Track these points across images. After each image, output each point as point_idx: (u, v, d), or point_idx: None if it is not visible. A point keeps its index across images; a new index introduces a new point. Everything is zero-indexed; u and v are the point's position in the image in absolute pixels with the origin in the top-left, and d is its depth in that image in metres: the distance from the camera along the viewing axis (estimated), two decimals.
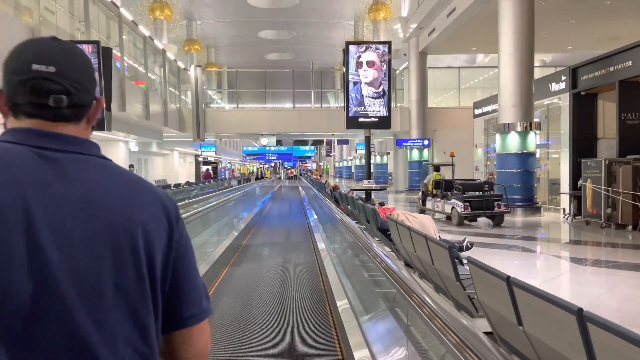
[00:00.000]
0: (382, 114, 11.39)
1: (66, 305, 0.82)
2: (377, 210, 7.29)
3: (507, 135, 14.55)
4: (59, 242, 0.83)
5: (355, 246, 6.08)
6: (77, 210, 0.86)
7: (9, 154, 0.86)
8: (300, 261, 8.38)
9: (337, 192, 12.44)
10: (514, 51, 14.34)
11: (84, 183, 0.89)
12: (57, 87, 0.89)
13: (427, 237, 4.23)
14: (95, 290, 0.85)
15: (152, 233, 0.93)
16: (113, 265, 0.87)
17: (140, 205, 0.94)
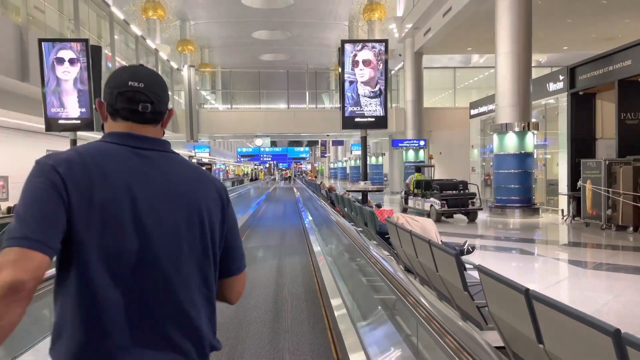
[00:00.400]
0: (379, 113, 11.10)
1: (157, 258, 1.17)
2: (375, 212, 7.05)
3: (504, 135, 14.33)
4: (151, 214, 1.17)
5: (352, 249, 5.84)
6: (162, 191, 1.21)
7: (114, 151, 1.21)
8: (295, 265, 8.11)
9: (332, 194, 12.18)
10: (511, 50, 14.13)
11: (165, 171, 1.25)
12: (144, 97, 1.26)
13: (431, 243, 3.97)
14: (175, 248, 1.20)
15: (211, 209, 1.28)
16: (186, 230, 1.22)
17: (202, 189, 1.29)
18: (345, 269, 6.63)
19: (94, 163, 1.16)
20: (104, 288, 1.12)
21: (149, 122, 1.29)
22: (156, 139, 1.31)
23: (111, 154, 1.21)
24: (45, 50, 10.87)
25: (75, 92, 11.07)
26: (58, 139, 18.66)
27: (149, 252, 1.17)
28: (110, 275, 1.13)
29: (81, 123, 11.20)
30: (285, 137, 30.65)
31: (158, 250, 1.18)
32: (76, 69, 11.01)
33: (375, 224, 6.11)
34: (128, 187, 1.17)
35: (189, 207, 1.25)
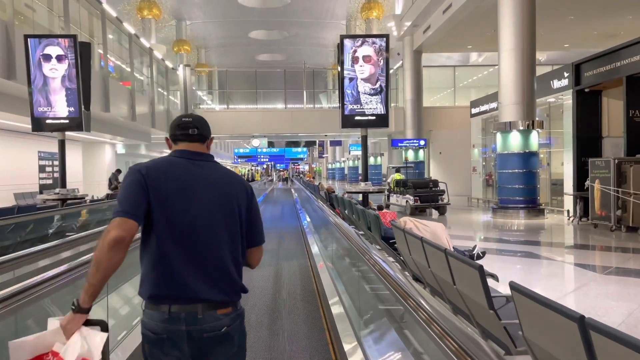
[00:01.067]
0: (380, 111, 10.63)
1: (201, 227, 1.83)
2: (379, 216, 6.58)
3: (508, 134, 13.87)
4: (201, 200, 1.85)
5: (355, 253, 5.39)
6: (208, 186, 1.90)
7: (175, 161, 1.91)
8: (293, 269, 7.63)
9: (332, 195, 11.70)
10: (515, 47, 13.67)
11: (208, 174, 1.93)
12: (192, 125, 1.97)
13: (448, 253, 3.49)
14: (215, 223, 1.86)
15: (240, 199, 1.96)
16: (223, 212, 1.89)
17: (234, 185, 1.98)
18: (347, 275, 6.16)
19: (162, 169, 1.86)
20: (167, 246, 1.79)
21: (196, 141, 1.97)
22: (202, 152, 1.98)
23: (173, 162, 1.90)
24: (32, 46, 10.36)
25: (64, 91, 10.56)
26: (49, 140, 18.17)
27: (195, 224, 1.83)
28: (171, 237, 1.80)
29: (70, 123, 10.67)
30: (282, 137, 30.16)
31: (201, 223, 1.84)
32: (64, 66, 10.50)
33: (380, 228, 5.65)
34: (183, 183, 1.86)
35: (224, 197, 1.92)
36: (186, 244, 1.81)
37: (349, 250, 5.80)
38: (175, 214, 1.82)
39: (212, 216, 1.87)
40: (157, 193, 1.80)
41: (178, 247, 1.80)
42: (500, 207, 14.12)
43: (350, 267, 6.10)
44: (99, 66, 15.96)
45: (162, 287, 1.79)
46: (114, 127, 18.59)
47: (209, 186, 1.90)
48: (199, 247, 1.83)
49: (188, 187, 1.86)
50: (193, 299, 1.80)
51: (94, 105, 14.95)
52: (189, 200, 1.84)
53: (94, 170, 21.30)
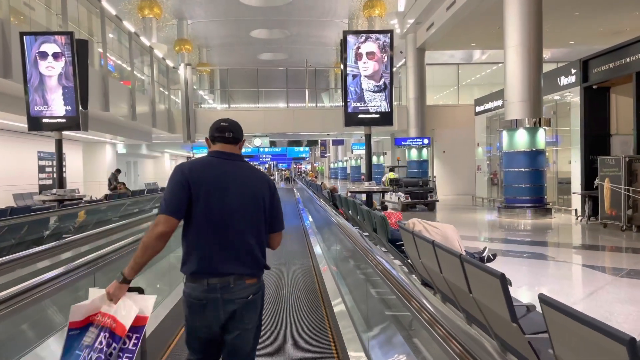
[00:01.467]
0: (384, 109, 10.34)
1: (234, 219, 2.25)
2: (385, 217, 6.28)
3: (514, 132, 13.56)
4: (233, 195, 2.25)
5: (357, 255, 5.14)
6: (238, 183, 2.28)
7: (213, 160, 2.31)
8: (297, 272, 7.36)
9: (335, 195, 11.41)
10: (521, 42, 13.36)
11: (240, 172, 2.33)
12: (228, 129, 2.35)
13: (464, 259, 3.20)
14: (245, 213, 2.27)
15: (264, 194, 2.36)
16: (250, 205, 2.30)
17: (259, 181, 2.37)
18: (352, 279, 5.89)
19: (202, 168, 2.32)
20: (205, 232, 2.25)
21: (230, 142, 2.40)
22: (235, 154, 2.41)
23: (211, 162, 2.35)
24: (27, 44, 10.10)
25: (60, 89, 10.30)
26: (49, 140, 17.90)
27: (227, 215, 2.28)
28: (208, 225, 2.25)
29: (67, 122, 10.41)
30: (284, 136, 29.88)
31: (233, 214, 2.29)
32: (61, 64, 10.23)
33: (386, 230, 5.36)
34: (219, 181, 2.30)
35: (252, 192, 2.36)
36: (220, 231, 2.27)
37: (354, 252, 5.54)
38: (212, 207, 2.27)
39: (242, 208, 2.32)
40: (197, 190, 2.25)
41: (214, 234, 2.26)
42: (507, 206, 13.81)
43: (355, 269, 5.83)
44: (98, 65, 15.72)
45: (202, 266, 2.25)
46: (114, 126, 18.34)
47: (239, 183, 2.34)
48: (230, 233, 2.28)
49: (223, 185, 2.30)
50: (226, 273, 2.26)
51: (93, 104, 14.70)
52: (223, 195, 2.29)
53: (95, 170, 21.07)
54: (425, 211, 16.14)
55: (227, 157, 2.36)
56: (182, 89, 22.49)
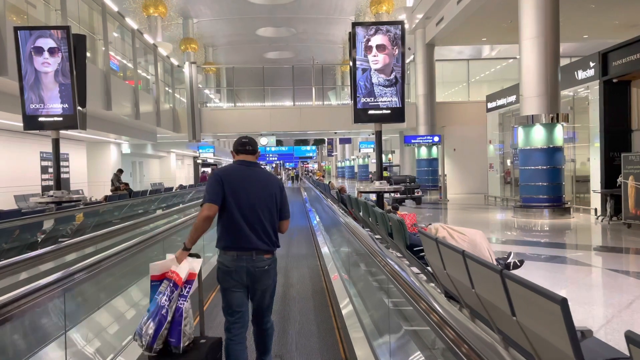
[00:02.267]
0: (395, 105, 9.75)
1: (256, 208, 3.11)
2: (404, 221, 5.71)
3: (531, 128, 12.92)
4: (254, 192, 3.13)
5: (369, 259, 4.61)
6: (257, 183, 3.16)
7: (238, 167, 3.21)
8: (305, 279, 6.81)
9: (344, 196, 10.85)
10: (538, 34, 12.72)
11: (258, 175, 3.21)
12: (248, 143, 3.28)
13: (508, 276, 2.63)
14: (262, 205, 3.13)
15: (275, 191, 3.22)
16: (267, 199, 3.16)
17: (271, 182, 3.23)
18: (366, 289, 5.33)
19: (231, 173, 3.14)
20: (235, 217, 3.01)
21: (250, 153, 3.25)
22: (253, 162, 3.27)
23: (237, 168, 3.18)
24: (22, 39, 9.60)
25: (57, 86, 9.80)
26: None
27: (251, 206, 3.04)
28: (238, 212, 3.02)
29: (64, 121, 9.90)
30: (291, 135, 29.31)
31: (253, 204, 3.06)
32: (57, 60, 9.73)
33: (404, 235, 4.77)
34: (243, 182, 3.09)
35: (267, 189, 3.16)
36: (246, 218, 3.07)
37: (364, 256, 5.01)
38: (239, 201, 3.08)
39: (260, 202, 3.13)
40: (229, 188, 3.07)
41: (241, 219, 3.07)
42: (523, 206, 13.18)
43: (367, 276, 5.29)
44: (102, 63, 15.24)
45: (232, 242, 3.08)
46: (118, 126, 17.88)
47: (257, 183, 3.17)
48: (253, 219, 3.09)
49: (246, 185, 3.12)
50: (250, 248, 3.07)
51: (95, 103, 14.24)
52: (247, 192, 3.11)
53: (99, 171, 20.61)
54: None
55: (248, 164, 3.26)
56: (187, 88, 22.00)
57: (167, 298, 2.80)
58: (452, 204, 18.24)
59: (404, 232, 4.80)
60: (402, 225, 4.82)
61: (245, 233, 3.07)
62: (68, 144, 19.25)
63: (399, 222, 4.85)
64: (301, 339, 4.42)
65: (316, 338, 4.44)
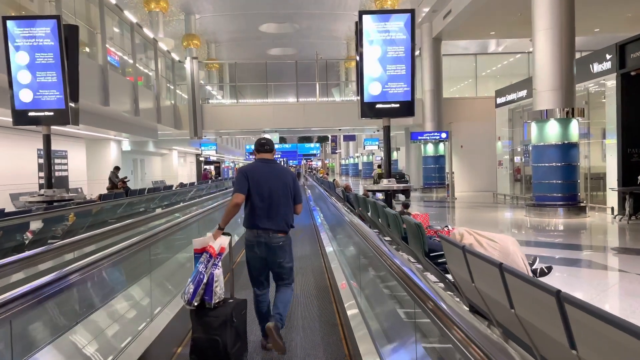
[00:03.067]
0: (404, 98, 9.18)
1: (274, 196, 3.89)
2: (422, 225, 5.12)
3: (545, 123, 12.31)
4: (272, 183, 3.91)
5: (379, 263, 4.07)
6: (274, 177, 3.94)
7: (259, 163, 4.00)
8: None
9: (350, 194, 10.28)
10: (552, 25, 12.10)
11: (275, 170, 3.99)
12: (267, 144, 4.07)
13: (567, 300, 2.07)
14: (279, 194, 3.90)
15: (289, 182, 4.00)
16: (283, 189, 3.94)
17: (287, 175, 4.04)
18: (380, 303, 4.76)
19: (253, 169, 3.91)
20: (257, 204, 3.81)
21: (268, 152, 4.01)
22: (271, 159, 4.04)
23: (258, 165, 3.95)
24: (10, 30, 9.06)
25: (47, 79, 9.26)
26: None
27: (270, 193, 3.82)
28: (259, 200, 3.81)
29: (54, 115, 9.36)
30: (294, 132, 28.73)
31: (272, 193, 3.81)
32: (48, 52, 9.19)
33: (423, 241, 4.18)
34: (263, 176, 3.85)
35: (283, 180, 3.92)
36: (265, 204, 3.86)
37: (377, 265, 4.45)
38: (260, 191, 3.86)
39: (277, 190, 3.91)
40: (252, 181, 3.86)
41: (261, 205, 3.86)
42: (536, 204, 12.57)
43: (377, 283, 4.73)
44: (100, 58, 14.68)
45: (254, 222, 3.87)
46: (117, 122, 17.34)
47: (275, 176, 3.96)
48: (270, 205, 3.88)
49: (266, 178, 3.91)
50: (267, 229, 3.85)
51: (92, 98, 13.70)
52: (267, 184, 3.89)
53: (99, 168, 20.09)
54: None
55: (267, 161, 4.02)
56: (188, 83, 21.44)
57: (204, 266, 3.56)
58: (460, 202, 17.64)
59: (422, 237, 4.23)
60: (419, 230, 4.24)
61: (264, 216, 3.86)
62: (67, 141, 18.73)
63: (416, 226, 4.27)
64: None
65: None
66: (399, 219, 4.89)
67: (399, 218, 4.90)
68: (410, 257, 4.49)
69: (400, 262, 3.25)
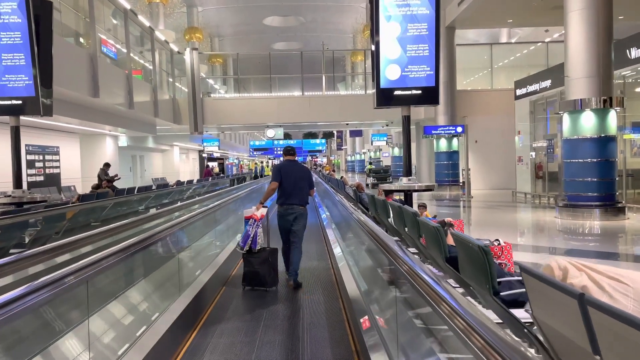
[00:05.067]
0: (427, 83, 7.80)
1: (297, 184, 5.94)
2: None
3: (579, 115, 10.87)
4: (296, 175, 5.98)
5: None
6: (297, 170, 6.06)
7: (288, 164, 6.12)
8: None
9: (363, 195, 8.90)
10: (587, 5, 10.66)
11: (297, 167, 6.14)
12: (292, 150, 6.31)
13: None
14: (301, 182, 5.97)
15: (307, 174, 6.13)
16: (302, 180, 6.00)
17: (305, 171, 6.17)
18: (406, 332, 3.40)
19: (283, 166, 6.05)
20: (285, 188, 5.87)
21: (292, 155, 6.23)
22: (294, 160, 6.21)
23: (286, 163, 6.11)
24: None
25: (15, 63, 7.94)
26: (38, 132, 15.61)
27: (294, 181, 5.89)
28: (286, 185, 5.86)
29: (23, 104, 8.02)
30: (299, 127, 27.30)
31: (296, 181, 5.89)
32: (15, 31, 7.86)
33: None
34: (290, 170, 5.94)
35: (302, 173, 6.02)
36: (290, 188, 5.79)
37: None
38: (287, 179, 5.80)
39: (298, 180, 5.84)
40: (283, 173, 5.82)
41: (289, 188, 5.80)
42: (568, 204, 11.15)
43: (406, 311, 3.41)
44: (91, 45, 13.32)
45: (283, 200, 5.81)
46: (109, 116, 16.01)
47: (297, 170, 5.93)
48: (294, 189, 5.81)
49: (292, 172, 5.86)
50: (292, 204, 5.79)
51: (80, 89, 12.39)
52: (292, 175, 5.84)
53: (94, 165, 18.69)
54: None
55: (292, 161, 6.08)
56: (188, 75, 20.08)
57: (251, 227, 5.65)
58: (477, 201, 16.22)
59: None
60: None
61: (290, 195, 5.85)
62: (59, 136, 17.44)
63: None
64: None
65: None
66: (441, 234, 3.51)
67: (441, 234, 3.51)
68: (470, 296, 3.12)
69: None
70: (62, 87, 11.60)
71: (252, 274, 5.49)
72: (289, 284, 5.69)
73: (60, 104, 13.71)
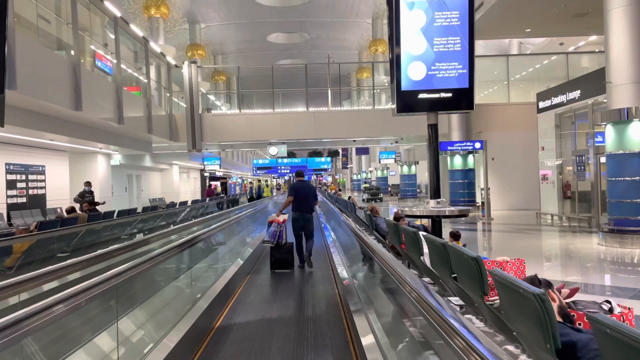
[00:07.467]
0: (460, 84, 6.31)
1: (307, 198, 8.35)
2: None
3: (626, 126, 9.30)
4: (304, 192, 8.40)
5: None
6: (306, 188, 8.49)
7: (300, 183, 8.56)
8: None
9: (380, 221, 7.34)
10: (631, 1, 9.20)
11: (306, 185, 8.67)
12: (302, 173, 8.98)
13: None
14: (308, 196, 8.37)
15: (313, 191, 8.69)
16: (309, 194, 8.42)
17: (312, 188, 8.82)
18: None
19: (296, 185, 8.50)
20: (298, 200, 8.24)
21: (302, 176, 8.78)
22: (304, 180, 8.76)
23: (298, 183, 8.59)
24: None
25: None
26: (21, 150, 14.21)
27: (304, 196, 8.27)
28: (299, 198, 8.25)
29: None
30: (303, 144, 25.82)
31: (305, 195, 8.29)
32: None
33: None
34: (301, 187, 8.37)
35: (309, 191, 8.45)
36: (301, 201, 8.18)
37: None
38: (299, 194, 8.20)
39: (306, 195, 8.25)
40: (296, 190, 8.27)
41: (300, 200, 8.18)
42: (614, 230, 9.50)
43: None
44: (79, 57, 11.94)
45: (297, 209, 8.20)
46: (97, 131, 14.58)
47: (306, 188, 8.40)
48: (304, 200, 8.20)
49: (302, 188, 8.29)
50: (303, 211, 8.18)
51: (59, 100, 10.96)
52: (302, 191, 8.26)
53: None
54: None
55: (302, 181, 8.55)
56: (186, 90, 18.71)
57: (275, 228, 7.88)
58: (498, 224, 14.58)
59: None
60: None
61: (301, 205, 8.04)
62: (45, 155, 16.01)
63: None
64: None
65: None
66: (546, 310, 1.95)
67: (546, 307, 1.95)
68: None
69: None
70: (41, 100, 10.23)
71: (282, 260, 7.85)
72: (298, 266, 8.17)
73: (43, 118, 12.34)
